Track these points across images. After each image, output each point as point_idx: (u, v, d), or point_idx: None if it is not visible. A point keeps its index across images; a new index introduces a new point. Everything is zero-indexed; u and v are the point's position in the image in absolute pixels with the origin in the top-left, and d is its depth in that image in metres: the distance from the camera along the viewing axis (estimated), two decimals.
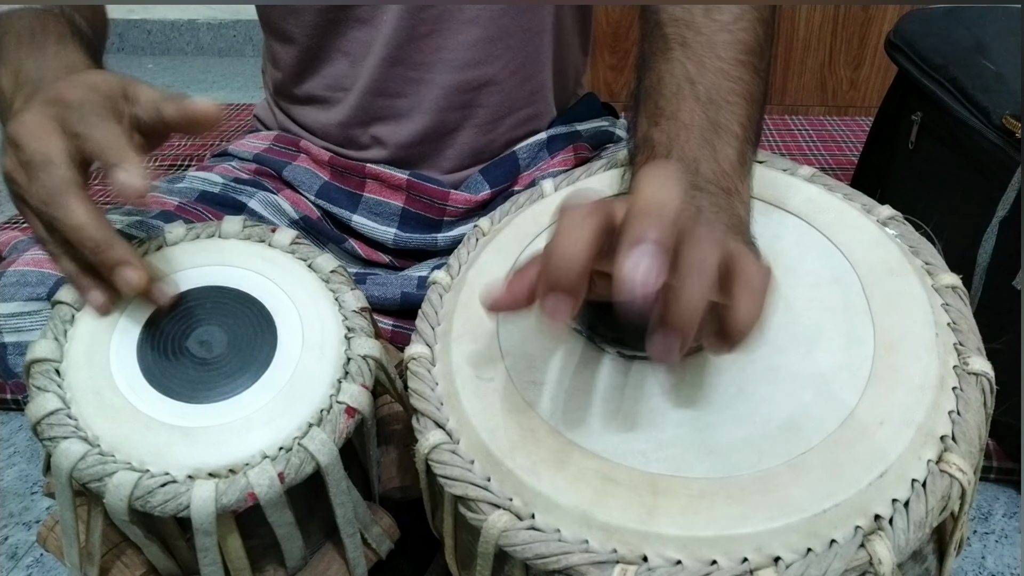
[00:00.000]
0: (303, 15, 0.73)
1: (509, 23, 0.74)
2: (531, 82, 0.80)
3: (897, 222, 0.46)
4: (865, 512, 0.34)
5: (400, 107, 0.76)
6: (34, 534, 0.86)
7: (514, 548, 0.36)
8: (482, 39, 0.74)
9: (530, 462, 0.38)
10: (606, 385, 0.41)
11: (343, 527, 0.48)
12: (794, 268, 0.44)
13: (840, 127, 1.96)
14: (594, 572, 0.34)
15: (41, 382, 0.44)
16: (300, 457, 0.43)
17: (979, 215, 0.90)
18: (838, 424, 0.36)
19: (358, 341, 0.49)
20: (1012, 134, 0.86)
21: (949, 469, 0.35)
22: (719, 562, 0.34)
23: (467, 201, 0.78)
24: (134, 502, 0.41)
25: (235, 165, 0.79)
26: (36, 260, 0.59)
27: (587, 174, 0.53)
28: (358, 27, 0.73)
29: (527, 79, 0.79)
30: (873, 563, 0.33)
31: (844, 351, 0.39)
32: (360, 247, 0.79)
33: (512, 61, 0.76)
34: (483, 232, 0.53)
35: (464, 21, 0.72)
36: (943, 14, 1.07)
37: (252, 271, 0.51)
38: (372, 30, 0.72)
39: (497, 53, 0.75)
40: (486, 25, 0.73)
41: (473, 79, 0.75)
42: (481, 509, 0.38)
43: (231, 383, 0.46)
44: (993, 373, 0.39)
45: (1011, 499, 0.89)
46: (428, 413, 0.42)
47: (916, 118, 1.05)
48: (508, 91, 0.78)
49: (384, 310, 0.72)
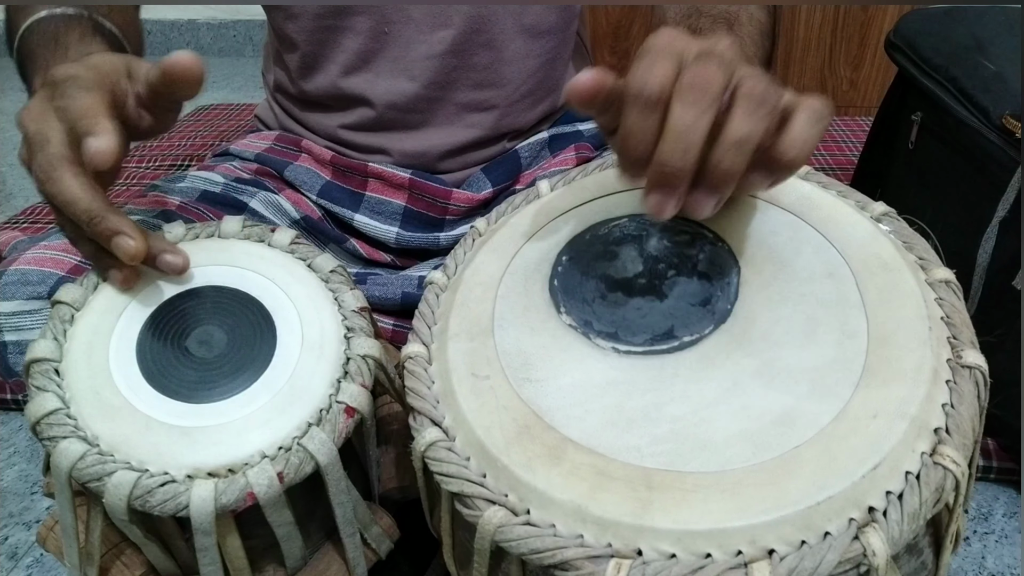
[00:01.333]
0: (301, 20, 0.74)
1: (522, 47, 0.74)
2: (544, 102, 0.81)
3: (891, 218, 0.46)
4: (859, 504, 0.34)
5: (410, 121, 0.77)
6: (34, 534, 0.87)
7: (510, 544, 0.36)
8: (497, 60, 0.74)
9: (525, 458, 0.38)
10: (601, 381, 0.41)
11: (343, 527, 0.48)
12: (788, 263, 0.44)
13: (840, 127, 1.95)
14: (589, 566, 0.35)
15: (40, 382, 0.44)
16: (299, 457, 0.43)
17: (979, 215, 0.89)
18: (832, 417, 0.37)
19: (357, 341, 0.49)
20: (1012, 134, 0.86)
21: (943, 461, 0.35)
22: (713, 555, 0.34)
23: (469, 200, 0.78)
24: (133, 502, 0.41)
25: (236, 165, 0.79)
26: (37, 259, 0.59)
27: (583, 174, 0.54)
28: (353, 37, 0.73)
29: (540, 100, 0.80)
30: (867, 555, 0.33)
31: (838, 345, 0.39)
32: (362, 246, 0.79)
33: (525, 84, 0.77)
34: (479, 232, 0.53)
35: (479, 44, 0.73)
36: (943, 14, 1.07)
37: (252, 271, 0.51)
38: (371, 42, 0.73)
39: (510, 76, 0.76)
40: (500, 47, 0.74)
41: (486, 99, 0.76)
42: (477, 505, 0.38)
43: (230, 383, 0.46)
44: (987, 366, 0.39)
45: (1011, 499, 0.89)
46: (424, 411, 0.42)
47: (916, 118, 1.05)
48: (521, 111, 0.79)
49: (385, 310, 0.72)
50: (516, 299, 0.46)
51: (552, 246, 0.49)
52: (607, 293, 0.45)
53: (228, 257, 0.52)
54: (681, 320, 0.43)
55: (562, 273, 0.47)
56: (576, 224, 0.50)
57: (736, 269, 0.44)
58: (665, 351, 0.42)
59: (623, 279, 0.45)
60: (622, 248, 0.47)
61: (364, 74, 0.75)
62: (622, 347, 0.42)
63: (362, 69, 0.74)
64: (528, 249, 0.49)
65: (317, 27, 0.73)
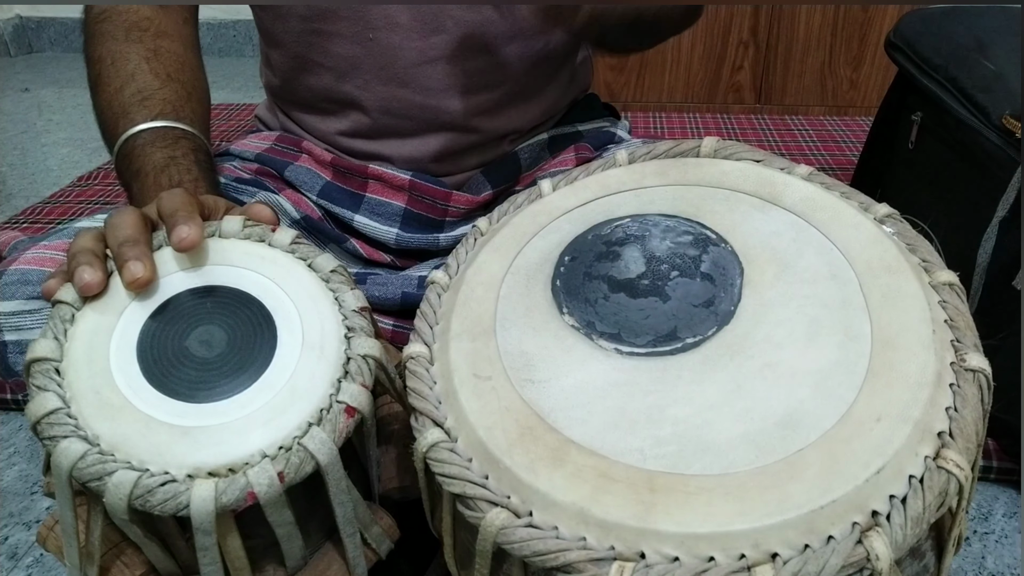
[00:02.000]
0: (289, 22, 0.73)
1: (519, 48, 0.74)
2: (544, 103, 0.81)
3: (894, 220, 0.46)
4: (862, 508, 0.34)
5: (406, 127, 0.76)
6: (34, 534, 0.87)
7: (512, 546, 0.36)
8: (494, 64, 0.74)
9: (528, 460, 0.38)
10: (603, 382, 0.41)
11: (343, 527, 0.48)
12: (791, 265, 0.44)
13: (840, 127, 1.96)
14: (591, 569, 0.34)
15: (41, 381, 0.44)
16: (300, 456, 0.43)
17: (979, 215, 0.89)
18: (835, 420, 0.36)
19: (358, 340, 0.49)
20: (1012, 134, 0.86)
21: (946, 465, 0.35)
22: (716, 559, 0.34)
23: (469, 202, 0.78)
24: (134, 501, 0.41)
25: (236, 165, 0.79)
26: (37, 259, 0.59)
27: (585, 173, 0.54)
28: (339, 42, 0.73)
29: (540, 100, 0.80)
30: (871, 559, 0.33)
31: (841, 347, 0.39)
32: (361, 247, 0.79)
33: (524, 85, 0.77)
34: (481, 232, 0.53)
35: (475, 49, 0.73)
36: (943, 14, 1.07)
37: (252, 271, 0.51)
38: (357, 47, 0.72)
39: (508, 78, 0.75)
40: (496, 51, 0.73)
41: (484, 103, 0.75)
42: (479, 507, 0.38)
43: (231, 382, 0.46)
44: (990, 369, 0.39)
45: (1011, 499, 0.89)
46: (426, 412, 0.42)
47: (916, 118, 1.05)
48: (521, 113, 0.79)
49: (384, 310, 0.72)
50: (518, 299, 0.46)
51: (554, 246, 0.49)
52: (610, 294, 0.45)
53: (228, 257, 0.51)
54: (684, 321, 0.43)
55: (564, 273, 0.47)
56: (578, 224, 0.50)
57: (739, 270, 0.44)
58: (668, 352, 0.42)
59: (626, 280, 0.45)
60: (625, 248, 0.47)
61: (355, 80, 0.74)
62: (625, 348, 0.42)
63: (352, 75, 0.74)
64: (530, 249, 0.49)
65: (303, 30, 0.73)
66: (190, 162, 0.63)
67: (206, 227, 0.54)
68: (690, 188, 0.50)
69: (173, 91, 0.68)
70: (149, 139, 0.64)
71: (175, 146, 0.64)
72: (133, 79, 0.67)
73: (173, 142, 0.64)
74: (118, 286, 0.48)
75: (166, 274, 0.49)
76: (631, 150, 0.54)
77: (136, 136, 0.64)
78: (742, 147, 0.52)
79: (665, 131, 2.00)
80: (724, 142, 0.52)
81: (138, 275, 0.47)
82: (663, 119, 2.08)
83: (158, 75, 0.68)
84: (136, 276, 0.47)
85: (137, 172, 0.62)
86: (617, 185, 0.52)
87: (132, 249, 0.48)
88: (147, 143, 0.63)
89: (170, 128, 0.65)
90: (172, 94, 0.67)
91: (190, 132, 0.66)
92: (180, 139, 0.64)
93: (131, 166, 0.63)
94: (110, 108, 0.67)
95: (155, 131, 0.64)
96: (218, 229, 0.53)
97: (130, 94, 0.66)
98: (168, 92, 0.67)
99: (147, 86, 0.67)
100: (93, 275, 0.46)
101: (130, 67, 0.68)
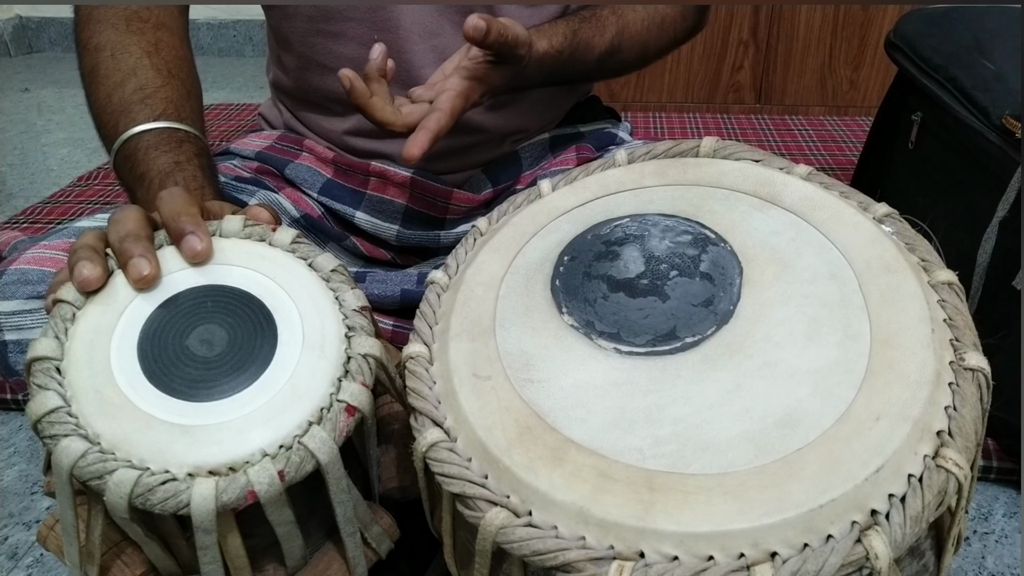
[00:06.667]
0: (294, 21, 0.74)
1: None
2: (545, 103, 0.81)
3: (893, 219, 0.46)
4: (861, 507, 0.34)
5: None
6: (34, 534, 0.86)
7: (511, 545, 0.36)
8: None
9: (527, 459, 0.38)
10: (603, 382, 0.41)
11: (343, 526, 0.48)
12: (791, 264, 0.44)
13: (840, 127, 1.96)
14: (591, 568, 0.35)
15: (41, 380, 0.44)
16: (300, 455, 0.43)
17: (979, 215, 0.89)
18: (834, 420, 0.37)
19: (358, 340, 0.49)
20: (1012, 134, 0.86)
21: (945, 464, 0.35)
22: (716, 558, 0.34)
23: (470, 200, 0.78)
24: (134, 500, 0.41)
25: (236, 164, 0.79)
26: (37, 259, 0.59)
27: (585, 173, 0.54)
28: (346, 43, 0.73)
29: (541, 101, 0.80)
30: (870, 558, 0.33)
31: (840, 347, 0.39)
32: (362, 244, 0.79)
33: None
34: (481, 232, 0.53)
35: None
36: (943, 14, 1.07)
37: (252, 270, 0.51)
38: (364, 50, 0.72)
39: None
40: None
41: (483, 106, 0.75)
42: (478, 506, 0.38)
43: (231, 381, 0.46)
44: (989, 368, 0.39)
45: (1011, 499, 0.89)
46: (426, 411, 0.42)
47: (916, 118, 1.05)
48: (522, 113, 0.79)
49: (384, 309, 0.72)
50: (518, 299, 0.46)
51: (554, 246, 0.49)
52: (609, 293, 0.45)
53: (229, 256, 0.52)
54: (683, 321, 0.43)
55: (564, 273, 0.47)
56: (578, 224, 0.50)
57: (738, 270, 0.44)
58: (667, 352, 0.42)
59: (625, 279, 0.45)
60: (624, 248, 0.47)
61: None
62: (624, 348, 0.42)
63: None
64: (530, 249, 0.49)
65: (310, 29, 0.73)
66: (195, 167, 0.62)
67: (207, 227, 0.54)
68: (689, 188, 0.50)
69: (174, 89, 0.67)
70: (153, 142, 0.63)
71: (179, 150, 0.63)
72: (134, 74, 0.66)
73: (177, 146, 0.63)
74: (119, 285, 0.48)
75: (167, 273, 0.49)
76: (630, 150, 0.54)
77: (138, 137, 0.63)
78: (741, 147, 0.52)
79: (665, 131, 2.00)
80: (723, 142, 0.52)
81: (144, 272, 0.47)
82: (663, 119, 2.08)
83: (160, 71, 0.67)
84: (142, 273, 0.47)
85: (141, 176, 0.61)
86: (616, 185, 0.52)
87: (135, 245, 0.47)
88: (151, 146, 0.63)
89: (173, 130, 0.64)
90: (173, 92, 0.67)
91: (193, 134, 0.65)
92: (184, 142, 0.64)
93: (135, 169, 0.62)
94: (109, 103, 0.66)
95: (158, 133, 0.63)
96: (219, 229, 0.53)
97: (131, 91, 0.65)
98: (170, 90, 0.66)
99: (149, 83, 0.66)
100: (92, 270, 0.46)
101: (131, 61, 0.67)
